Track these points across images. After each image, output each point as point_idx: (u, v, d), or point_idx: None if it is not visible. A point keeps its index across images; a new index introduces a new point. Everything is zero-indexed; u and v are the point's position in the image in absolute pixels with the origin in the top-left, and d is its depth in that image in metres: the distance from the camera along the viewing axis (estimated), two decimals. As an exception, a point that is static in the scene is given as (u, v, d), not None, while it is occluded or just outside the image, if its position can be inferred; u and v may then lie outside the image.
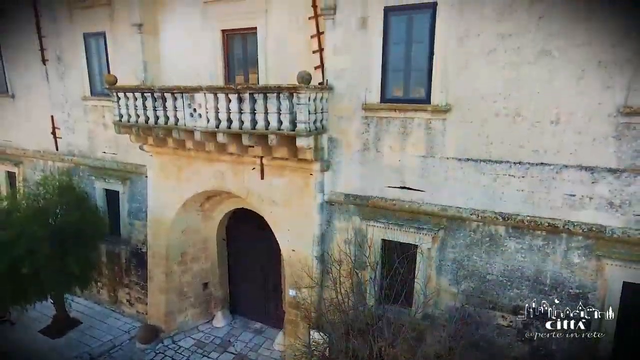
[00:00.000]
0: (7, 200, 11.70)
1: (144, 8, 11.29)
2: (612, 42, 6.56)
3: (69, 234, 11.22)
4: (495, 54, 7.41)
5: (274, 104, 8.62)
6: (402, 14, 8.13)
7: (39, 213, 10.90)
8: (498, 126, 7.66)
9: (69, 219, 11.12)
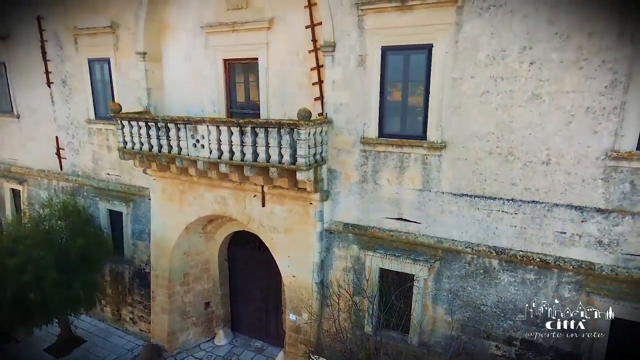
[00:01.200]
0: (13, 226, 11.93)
1: (148, 37, 11.54)
2: (600, 90, 6.83)
3: (75, 258, 11.47)
4: (488, 96, 7.69)
5: (274, 138, 8.90)
6: (399, 54, 8.40)
7: (45, 239, 11.13)
8: (492, 164, 7.93)
9: (74, 244, 11.36)
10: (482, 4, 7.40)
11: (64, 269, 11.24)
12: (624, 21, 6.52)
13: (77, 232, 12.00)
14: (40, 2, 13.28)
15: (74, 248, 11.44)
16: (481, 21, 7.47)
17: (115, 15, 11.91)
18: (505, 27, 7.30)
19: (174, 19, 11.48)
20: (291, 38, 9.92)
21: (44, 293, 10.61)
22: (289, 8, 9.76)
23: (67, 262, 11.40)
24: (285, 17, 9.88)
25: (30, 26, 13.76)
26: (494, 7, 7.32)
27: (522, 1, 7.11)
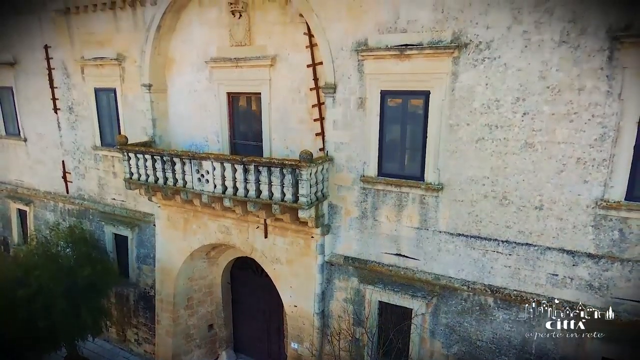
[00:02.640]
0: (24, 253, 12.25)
1: (153, 70, 11.84)
2: (590, 142, 7.13)
3: (82, 286, 11.77)
4: (484, 142, 7.98)
5: (277, 177, 9.21)
6: (397, 98, 8.70)
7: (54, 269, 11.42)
8: (487, 207, 8.23)
9: (82, 273, 11.65)
10: (477, 57, 7.69)
11: (72, 296, 11.55)
12: (613, 79, 6.80)
13: (84, 259, 12.30)
14: (48, 31, 13.59)
15: (81, 276, 11.74)
16: (476, 72, 7.77)
17: (121, 48, 12.21)
18: (499, 79, 7.60)
19: (179, 53, 11.78)
20: (293, 75, 10.21)
21: (52, 321, 10.93)
22: (290, 47, 10.06)
23: (75, 289, 11.70)
24: (287, 55, 10.17)
25: (38, 54, 14.08)
26: (489, 59, 7.62)
27: (514, 56, 7.40)
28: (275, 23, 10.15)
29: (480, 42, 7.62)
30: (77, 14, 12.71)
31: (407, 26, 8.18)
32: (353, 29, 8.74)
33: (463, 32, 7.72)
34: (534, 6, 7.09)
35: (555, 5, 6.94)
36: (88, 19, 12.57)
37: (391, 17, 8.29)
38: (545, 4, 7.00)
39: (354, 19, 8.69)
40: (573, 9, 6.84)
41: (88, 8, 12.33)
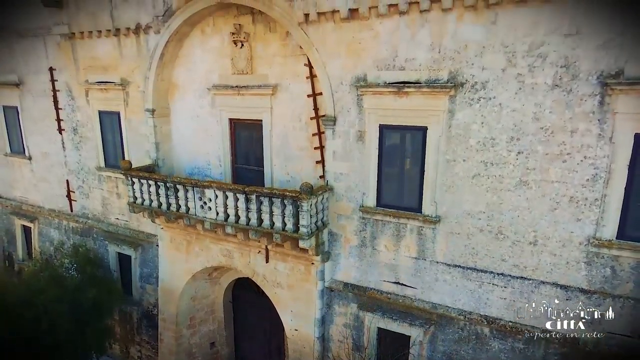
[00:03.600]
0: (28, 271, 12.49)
1: (156, 95, 12.06)
2: (582, 182, 7.33)
3: (87, 307, 11.99)
4: (479, 178, 8.19)
5: (278, 207, 9.43)
6: (396, 132, 8.91)
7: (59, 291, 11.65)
8: (483, 240, 8.44)
9: (87, 295, 11.87)
10: (473, 96, 7.91)
11: (77, 317, 11.78)
12: (604, 123, 7.01)
13: (89, 280, 12.53)
14: (53, 54, 13.82)
15: (86, 298, 11.96)
16: (472, 111, 7.98)
17: (125, 73, 12.43)
18: (494, 118, 7.81)
19: (182, 80, 12.00)
20: (294, 104, 10.43)
21: (57, 341, 11.15)
22: (291, 77, 10.27)
23: (80, 310, 11.93)
24: (288, 85, 10.38)
25: (43, 76, 14.32)
26: (484, 99, 7.83)
27: (509, 97, 7.61)
28: (276, 54, 10.37)
29: (476, 83, 7.83)
30: (81, 39, 12.93)
31: (405, 64, 8.39)
32: (352, 64, 8.96)
33: (459, 72, 7.93)
34: (528, 51, 7.30)
35: (548, 50, 7.14)
36: (92, 44, 12.80)
37: (389, 54, 8.50)
38: (538, 49, 7.21)
39: (353, 55, 8.90)
40: (565, 54, 7.05)
41: (92, 34, 12.55)
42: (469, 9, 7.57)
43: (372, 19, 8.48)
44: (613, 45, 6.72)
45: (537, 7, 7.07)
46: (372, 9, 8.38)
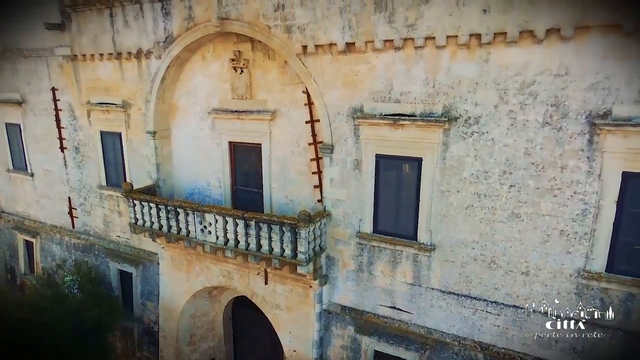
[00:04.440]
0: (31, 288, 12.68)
1: (157, 118, 12.26)
2: (572, 217, 7.54)
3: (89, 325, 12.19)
4: (473, 209, 8.40)
5: (277, 233, 9.63)
6: (392, 162, 9.11)
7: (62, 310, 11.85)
8: (476, 269, 8.64)
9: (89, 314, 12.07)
10: (467, 130, 8.11)
11: (79, 335, 11.96)
12: (593, 161, 7.22)
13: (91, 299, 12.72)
14: (55, 75, 14.02)
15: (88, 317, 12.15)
16: (465, 144, 8.19)
17: (126, 96, 12.64)
18: (487, 152, 8.02)
19: (183, 102, 12.21)
20: (292, 130, 10.63)
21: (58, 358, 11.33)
22: (290, 103, 10.48)
23: (81, 328, 12.11)
24: (287, 111, 10.59)
25: (45, 95, 14.53)
26: (477, 133, 8.03)
27: (501, 132, 7.81)
28: (275, 80, 10.58)
29: (470, 117, 8.04)
30: (83, 61, 13.15)
31: (401, 97, 8.60)
32: (349, 95, 9.17)
33: (453, 106, 8.14)
34: (519, 89, 7.51)
35: (539, 89, 7.35)
36: (94, 66, 13.01)
37: (385, 87, 8.71)
38: (529, 87, 7.42)
39: (350, 86, 9.11)
40: (555, 94, 7.26)
41: (94, 57, 12.76)
42: (462, 47, 7.78)
43: (368, 53, 8.69)
44: (601, 87, 6.92)
45: (528, 48, 7.28)
46: (368, 43, 8.59)
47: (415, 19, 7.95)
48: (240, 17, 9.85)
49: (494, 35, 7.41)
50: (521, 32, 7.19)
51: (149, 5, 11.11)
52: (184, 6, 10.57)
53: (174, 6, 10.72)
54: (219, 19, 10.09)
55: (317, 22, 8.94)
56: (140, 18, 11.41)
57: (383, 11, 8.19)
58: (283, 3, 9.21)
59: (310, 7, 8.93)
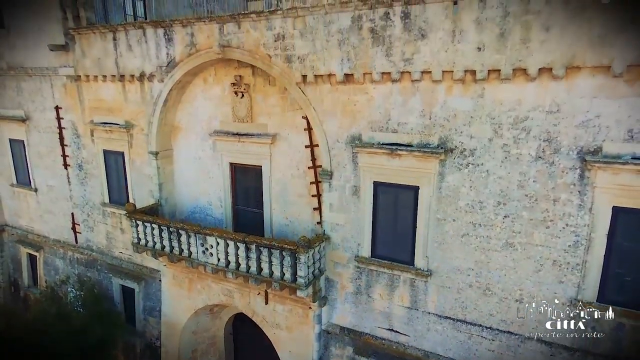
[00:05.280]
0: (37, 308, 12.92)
1: (160, 139, 12.47)
2: (565, 248, 7.75)
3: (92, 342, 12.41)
4: (468, 238, 8.61)
5: (277, 257, 9.85)
6: (390, 189, 9.32)
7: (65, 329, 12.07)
8: (472, 295, 8.85)
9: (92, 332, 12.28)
10: (462, 161, 8.33)
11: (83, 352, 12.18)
12: (584, 195, 7.43)
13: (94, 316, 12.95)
14: (59, 94, 14.25)
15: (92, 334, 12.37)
16: (461, 175, 8.40)
17: (129, 117, 12.85)
18: (482, 183, 8.23)
19: (184, 123, 12.43)
20: (292, 153, 10.84)
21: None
22: (290, 128, 10.69)
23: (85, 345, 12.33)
24: (287, 135, 10.80)
25: (49, 113, 14.74)
26: (472, 165, 8.25)
27: (496, 164, 8.03)
28: (276, 105, 10.79)
29: (465, 149, 8.25)
30: (87, 82, 13.36)
31: (398, 127, 8.82)
32: (348, 124, 9.38)
33: (449, 138, 8.35)
34: (513, 124, 7.72)
35: (532, 125, 7.57)
36: (98, 87, 13.23)
37: (383, 117, 8.93)
38: (522, 122, 7.63)
39: (348, 115, 9.32)
40: (548, 129, 7.47)
41: (98, 78, 12.98)
42: (458, 81, 7.99)
43: (366, 84, 8.90)
44: (592, 125, 7.14)
45: (521, 85, 7.49)
46: (366, 75, 8.81)
47: (412, 54, 8.16)
48: (241, 45, 10.06)
49: (488, 72, 7.62)
50: (514, 70, 7.41)
51: (152, 31, 11.33)
52: (185, 33, 10.79)
53: (176, 33, 10.94)
54: (220, 47, 10.31)
55: (316, 53, 9.15)
56: (143, 43, 11.63)
57: (381, 45, 8.41)
58: (283, 34, 9.42)
59: (309, 39, 9.14)
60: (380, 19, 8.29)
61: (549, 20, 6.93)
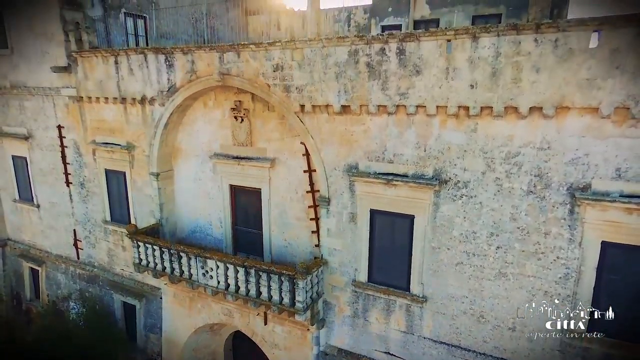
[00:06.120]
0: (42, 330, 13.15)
1: (161, 160, 12.68)
2: (555, 279, 7.95)
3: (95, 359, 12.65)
4: (462, 266, 8.81)
5: (275, 282, 10.05)
6: (386, 217, 9.52)
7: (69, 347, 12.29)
8: (466, 322, 9.05)
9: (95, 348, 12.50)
10: (456, 193, 8.53)
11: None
12: (574, 229, 7.64)
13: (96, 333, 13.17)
14: (61, 114, 14.46)
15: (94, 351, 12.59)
16: (455, 206, 8.61)
17: (130, 138, 13.06)
18: (475, 214, 8.43)
19: (185, 145, 12.64)
20: (291, 177, 11.05)
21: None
22: (288, 153, 10.89)
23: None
24: (285, 159, 11.01)
25: (52, 132, 14.95)
26: (466, 197, 8.45)
27: (489, 197, 8.24)
28: (274, 130, 11.00)
29: (459, 181, 8.46)
30: (89, 103, 13.57)
31: (394, 158, 9.02)
32: (345, 153, 9.59)
33: (443, 170, 8.56)
34: (505, 159, 7.93)
35: (523, 160, 7.77)
36: (100, 108, 13.44)
37: (379, 148, 9.13)
38: (514, 158, 7.84)
39: (345, 144, 9.53)
40: (538, 165, 7.68)
41: (100, 99, 13.19)
42: (452, 116, 8.20)
43: (363, 115, 9.11)
44: (581, 163, 7.34)
45: (513, 122, 7.70)
46: (363, 107, 9.02)
47: (407, 89, 8.37)
48: (240, 73, 10.27)
49: (480, 108, 7.83)
50: (506, 107, 7.62)
51: (153, 57, 11.54)
52: (186, 60, 11.00)
53: (177, 59, 11.15)
54: (220, 74, 10.52)
55: (314, 85, 9.36)
56: (144, 67, 11.84)
57: (377, 79, 8.62)
58: (282, 64, 9.63)
59: (307, 70, 9.35)
60: (376, 54, 8.50)
61: (539, 62, 7.14)
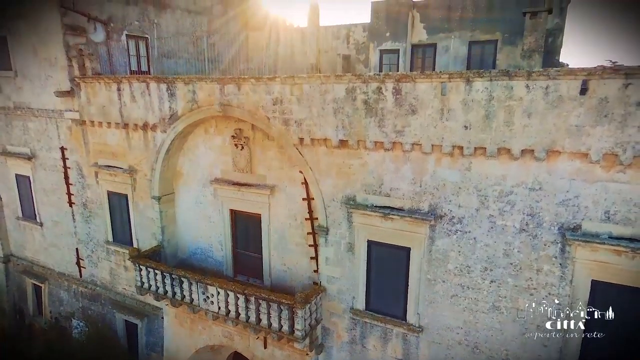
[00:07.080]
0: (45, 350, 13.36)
1: (162, 184, 12.90)
2: (547, 315, 8.16)
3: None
4: (457, 299, 9.02)
5: (275, 310, 10.26)
6: (383, 248, 9.73)
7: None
8: (461, 352, 9.25)
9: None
10: (451, 228, 8.75)
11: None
12: (565, 267, 7.85)
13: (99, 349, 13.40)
14: (64, 136, 14.69)
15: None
16: (450, 240, 8.82)
17: (132, 162, 13.29)
18: (469, 249, 8.65)
19: (186, 169, 12.86)
20: (290, 204, 11.26)
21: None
22: (287, 180, 11.10)
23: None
24: (284, 187, 11.22)
25: (55, 153, 15.19)
26: (461, 232, 8.67)
27: (482, 233, 8.45)
28: (274, 158, 11.21)
29: (454, 217, 8.67)
30: (92, 127, 13.80)
31: (390, 192, 9.24)
32: (343, 185, 9.80)
33: (438, 205, 8.78)
34: (498, 197, 8.14)
35: (516, 199, 7.99)
36: (102, 132, 13.66)
37: (376, 182, 9.35)
38: (507, 196, 8.05)
39: (343, 177, 9.75)
40: (530, 205, 7.89)
41: (102, 124, 13.42)
42: (446, 155, 8.41)
43: (360, 150, 9.33)
44: (571, 204, 7.56)
45: (506, 163, 7.92)
46: (360, 142, 9.23)
47: (403, 127, 8.59)
48: (241, 105, 10.50)
49: (474, 148, 8.05)
50: (499, 148, 7.83)
51: (155, 85, 11.77)
52: (187, 90, 11.22)
53: (179, 89, 11.38)
54: (220, 105, 10.74)
55: (312, 119, 9.58)
56: (146, 95, 12.07)
57: (373, 116, 8.84)
58: (281, 98, 9.86)
59: (306, 105, 9.57)
60: (373, 92, 8.72)
61: (530, 108, 7.36)
